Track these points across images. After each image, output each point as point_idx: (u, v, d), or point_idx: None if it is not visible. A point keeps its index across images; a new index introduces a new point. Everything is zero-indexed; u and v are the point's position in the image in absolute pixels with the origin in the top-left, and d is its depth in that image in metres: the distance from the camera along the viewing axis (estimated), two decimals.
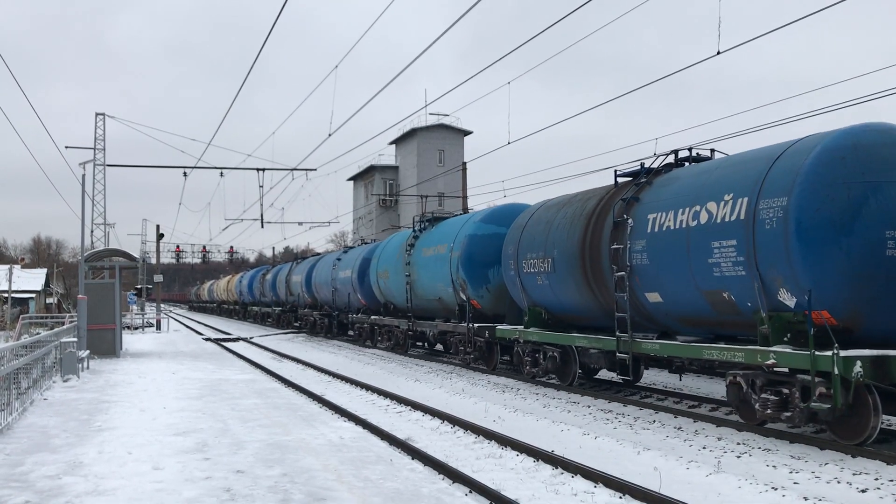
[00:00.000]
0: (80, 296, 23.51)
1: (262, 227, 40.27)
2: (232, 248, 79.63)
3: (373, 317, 28.87)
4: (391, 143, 69.44)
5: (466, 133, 66.93)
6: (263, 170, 36.58)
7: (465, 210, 41.90)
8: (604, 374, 18.39)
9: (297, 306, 43.55)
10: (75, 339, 19.11)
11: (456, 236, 21.18)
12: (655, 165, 14.27)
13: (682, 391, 15.50)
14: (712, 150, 13.74)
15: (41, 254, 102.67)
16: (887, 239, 10.15)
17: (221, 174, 37.95)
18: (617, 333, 14.07)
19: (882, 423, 9.88)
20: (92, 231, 39.36)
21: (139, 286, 54.32)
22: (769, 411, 10.75)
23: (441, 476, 8.74)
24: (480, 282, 20.10)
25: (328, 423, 11.99)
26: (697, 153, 13.91)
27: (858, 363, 9.66)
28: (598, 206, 15.01)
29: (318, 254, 46.82)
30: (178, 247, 76.61)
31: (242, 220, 48.44)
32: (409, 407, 14.24)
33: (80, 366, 18.99)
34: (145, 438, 10.43)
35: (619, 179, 14.94)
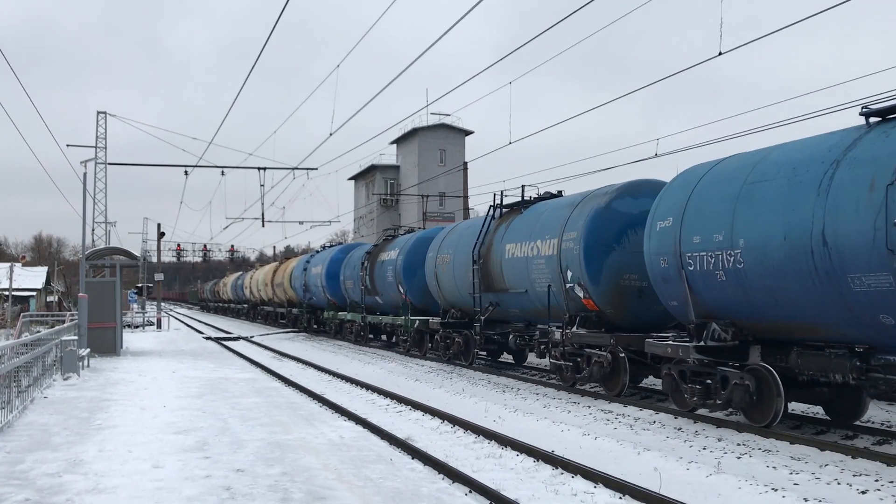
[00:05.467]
0: (80, 294, 23.52)
1: (263, 226, 40.32)
2: (233, 246, 79.53)
3: None
4: (392, 142, 69.49)
5: (468, 133, 67.01)
6: (264, 168, 36.66)
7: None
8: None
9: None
10: (76, 338, 19.12)
11: None
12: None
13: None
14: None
15: (42, 252, 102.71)
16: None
17: (223, 173, 38.03)
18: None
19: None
20: (93, 229, 39.43)
21: (140, 285, 54.29)
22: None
23: (441, 476, 8.73)
24: None
25: (328, 422, 11.99)
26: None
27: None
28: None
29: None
30: (178, 245, 76.42)
31: (243, 219, 48.45)
32: (409, 406, 14.24)
33: (81, 364, 18.98)
34: (146, 437, 10.43)
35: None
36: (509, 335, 19.11)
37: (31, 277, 65.02)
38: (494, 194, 20.09)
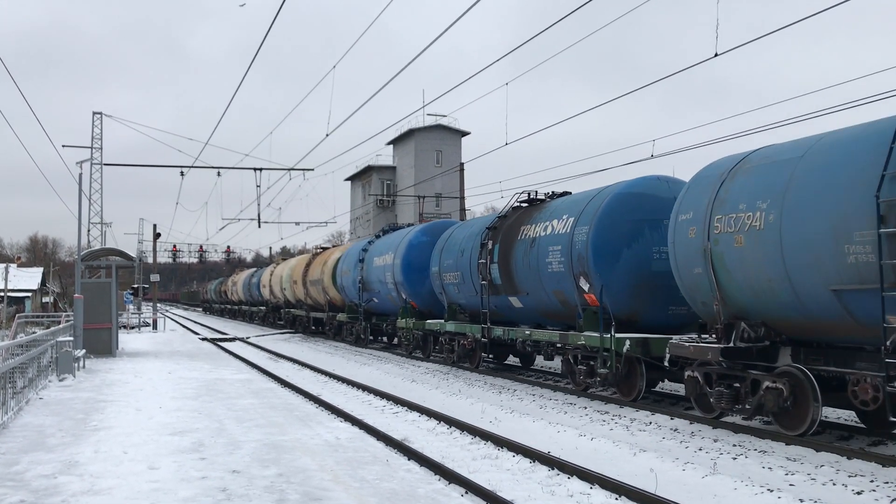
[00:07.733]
0: (76, 295, 23.47)
1: (260, 226, 40.19)
2: (229, 247, 79.55)
3: None
4: (388, 143, 69.50)
5: (464, 134, 67.06)
6: (261, 169, 36.57)
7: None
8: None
9: None
10: (71, 339, 19.09)
11: None
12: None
13: (677, 392, 15.50)
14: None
15: (38, 253, 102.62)
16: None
17: (219, 174, 37.93)
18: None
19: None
20: (89, 230, 39.38)
21: (135, 285, 54.18)
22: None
23: (437, 477, 8.73)
24: None
25: (324, 423, 11.98)
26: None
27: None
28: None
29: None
30: (174, 246, 76.34)
31: (239, 219, 48.39)
32: (406, 407, 14.23)
33: (76, 365, 18.94)
34: (141, 438, 10.41)
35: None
36: None
37: (27, 278, 65.03)
38: None
